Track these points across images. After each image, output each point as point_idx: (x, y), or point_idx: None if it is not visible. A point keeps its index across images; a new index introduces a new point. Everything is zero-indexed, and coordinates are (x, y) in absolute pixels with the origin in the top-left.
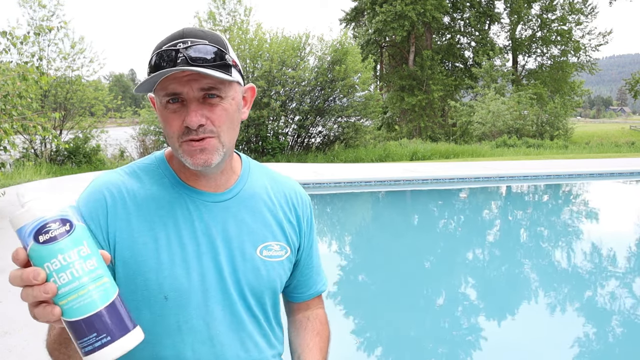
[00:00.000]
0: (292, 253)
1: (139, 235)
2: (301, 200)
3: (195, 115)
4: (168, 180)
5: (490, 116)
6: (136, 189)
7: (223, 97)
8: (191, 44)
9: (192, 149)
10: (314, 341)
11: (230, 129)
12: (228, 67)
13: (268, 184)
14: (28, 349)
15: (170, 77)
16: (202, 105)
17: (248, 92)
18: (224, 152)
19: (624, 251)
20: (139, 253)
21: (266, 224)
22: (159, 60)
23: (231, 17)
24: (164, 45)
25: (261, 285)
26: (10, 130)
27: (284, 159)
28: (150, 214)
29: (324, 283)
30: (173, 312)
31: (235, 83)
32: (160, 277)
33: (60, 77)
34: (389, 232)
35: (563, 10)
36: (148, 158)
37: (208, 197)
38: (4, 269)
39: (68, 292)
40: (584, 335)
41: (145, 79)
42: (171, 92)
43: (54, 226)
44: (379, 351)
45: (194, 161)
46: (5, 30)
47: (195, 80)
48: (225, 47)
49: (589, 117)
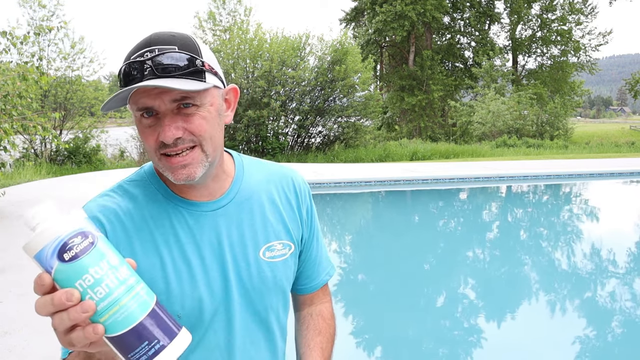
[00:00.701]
0: (296, 247)
1: (144, 257)
2: (299, 189)
3: (169, 129)
4: (161, 195)
5: (490, 116)
6: (132, 210)
7: (199, 105)
8: (158, 53)
9: (172, 165)
10: (315, 341)
11: (213, 136)
12: (201, 72)
13: (264, 179)
14: (28, 349)
15: (140, 90)
16: (176, 117)
17: (230, 94)
18: (208, 162)
19: (624, 251)
20: (147, 276)
21: (267, 223)
22: (126, 76)
23: (231, 17)
24: (132, 55)
25: (268, 288)
26: (10, 130)
27: (284, 159)
28: (150, 234)
29: (329, 272)
30: (188, 329)
31: (212, 88)
32: (170, 298)
33: (60, 77)
34: (389, 232)
35: (563, 10)
36: (137, 174)
37: (205, 206)
38: (4, 269)
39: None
40: (584, 335)
41: (110, 96)
42: (142, 107)
43: (77, 241)
44: (379, 351)
45: (176, 176)
46: (5, 30)
47: (165, 93)
48: (197, 52)
49: (589, 117)
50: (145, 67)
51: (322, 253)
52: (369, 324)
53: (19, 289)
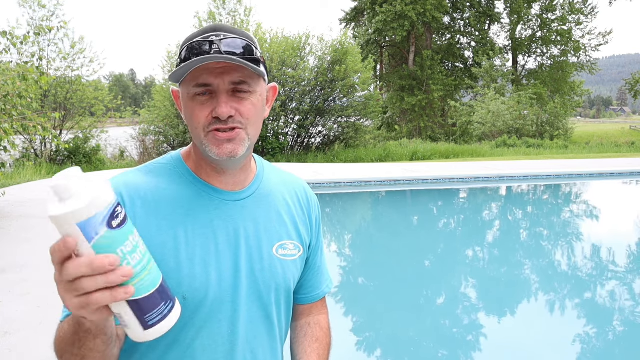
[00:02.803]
0: (304, 252)
1: (158, 234)
2: (311, 197)
3: (225, 106)
4: (186, 178)
5: (490, 116)
6: (154, 188)
7: (252, 91)
8: (224, 37)
9: (219, 139)
10: (312, 347)
11: (256, 122)
12: (257, 62)
13: (281, 183)
14: (28, 348)
15: (202, 67)
16: (231, 98)
17: (270, 92)
18: (248, 144)
19: (623, 251)
20: (158, 252)
21: (281, 222)
22: (189, 53)
23: (231, 17)
24: (195, 37)
25: (278, 285)
26: (10, 130)
27: (284, 159)
28: (169, 212)
29: (328, 285)
30: (190, 311)
31: (262, 79)
32: (179, 277)
33: (60, 77)
34: (388, 232)
35: (563, 10)
36: (164, 158)
37: (227, 195)
38: (4, 268)
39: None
40: (584, 335)
41: (179, 66)
42: (202, 83)
43: (119, 209)
44: (379, 351)
45: (220, 151)
46: (5, 30)
47: (227, 74)
48: (254, 43)
49: (589, 117)
50: (212, 47)
51: (325, 265)
52: (369, 323)
53: (19, 289)
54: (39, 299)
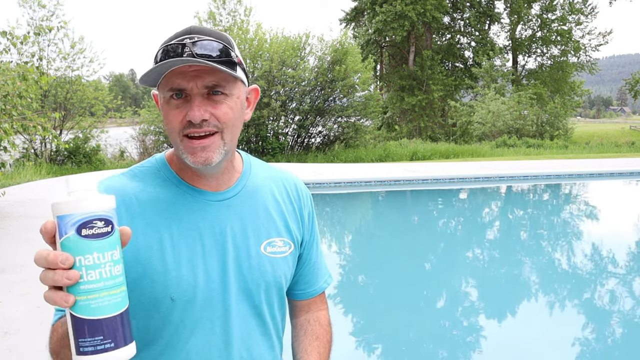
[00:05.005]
0: (295, 248)
1: (144, 238)
2: (302, 194)
3: (198, 110)
4: (170, 181)
5: (490, 116)
6: (139, 192)
7: (228, 94)
8: (198, 40)
9: (193, 146)
10: (313, 345)
11: (234, 127)
12: (233, 64)
13: (269, 179)
14: (28, 349)
15: (176, 71)
16: (206, 101)
17: (252, 94)
18: (225, 150)
19: (623, 251)
20: (144, 256)
21: (269, 220)
22: (164, 55)
23: (231, 17)
24: (170, 40)
25: (267, 282)
26: (10, 130)
27: (284, 159)
28: (154, 215)
29: (327, 280)
30: (180, 313)
31: (240, 82)
32: (166, 279)
33: (60, 77)
34: (388, 232)
35: (563, 10)
36: (148, 161)
37: (211, 196)
38: (4, 268)
39: (91, 290)
40: (584, 335)
41: (149, 68)
42: (176, 87)
43: (99, 224)
44: (379, 351)
45: (195, 159)
46: (5, 30)
47: (200, 77)
48: (231, 45)
49: (589, 117)
50: (184, 50)
51: (321, 260)
52: (369, 323)
53: (19, 289)
54: (39, 299)
